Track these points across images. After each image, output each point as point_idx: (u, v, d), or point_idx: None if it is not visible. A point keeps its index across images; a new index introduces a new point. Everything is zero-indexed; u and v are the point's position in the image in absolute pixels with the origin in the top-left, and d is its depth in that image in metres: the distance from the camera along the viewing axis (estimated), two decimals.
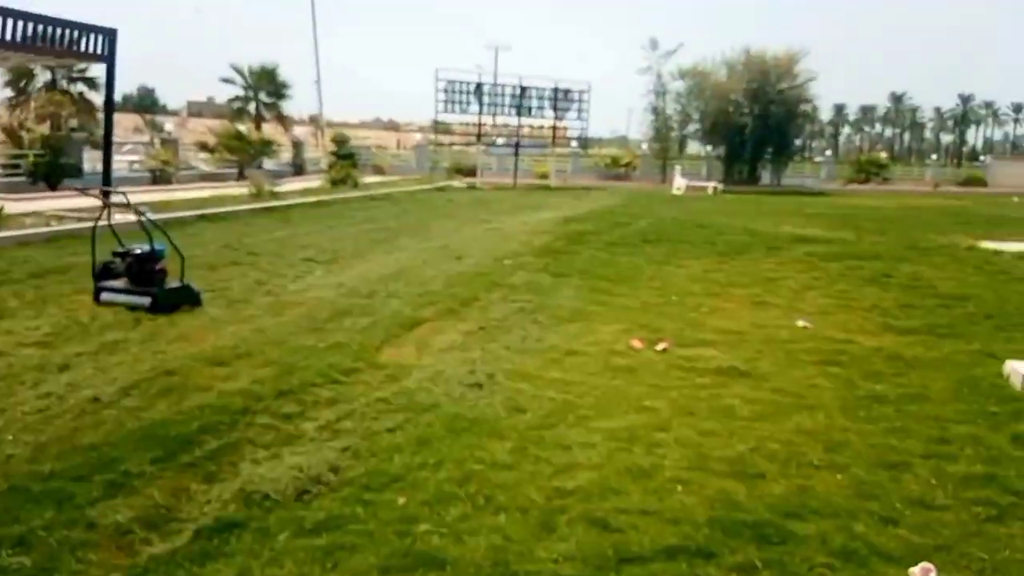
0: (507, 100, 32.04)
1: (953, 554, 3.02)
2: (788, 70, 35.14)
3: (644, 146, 45.03)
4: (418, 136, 46.08)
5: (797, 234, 14.32)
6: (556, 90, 32.64)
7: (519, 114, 32.15)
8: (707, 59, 36.93)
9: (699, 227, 15.36)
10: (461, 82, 31.05)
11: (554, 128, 32.91)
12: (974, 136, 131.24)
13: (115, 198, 7.64)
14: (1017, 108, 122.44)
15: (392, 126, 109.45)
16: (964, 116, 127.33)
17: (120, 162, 22.42)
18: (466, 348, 5.99)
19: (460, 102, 30.94)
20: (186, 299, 6.82)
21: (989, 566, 2.94)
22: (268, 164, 29.27)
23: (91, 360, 5.21)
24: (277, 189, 18.76)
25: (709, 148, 40.30)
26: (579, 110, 33.35)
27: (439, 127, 31.59)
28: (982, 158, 65.65)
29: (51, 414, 4.22)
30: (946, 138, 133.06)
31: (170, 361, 5.26)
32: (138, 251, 6.86)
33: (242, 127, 31.11)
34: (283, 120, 40.06)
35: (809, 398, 4.99)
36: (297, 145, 33.74)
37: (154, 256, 6.85)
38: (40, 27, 15.40)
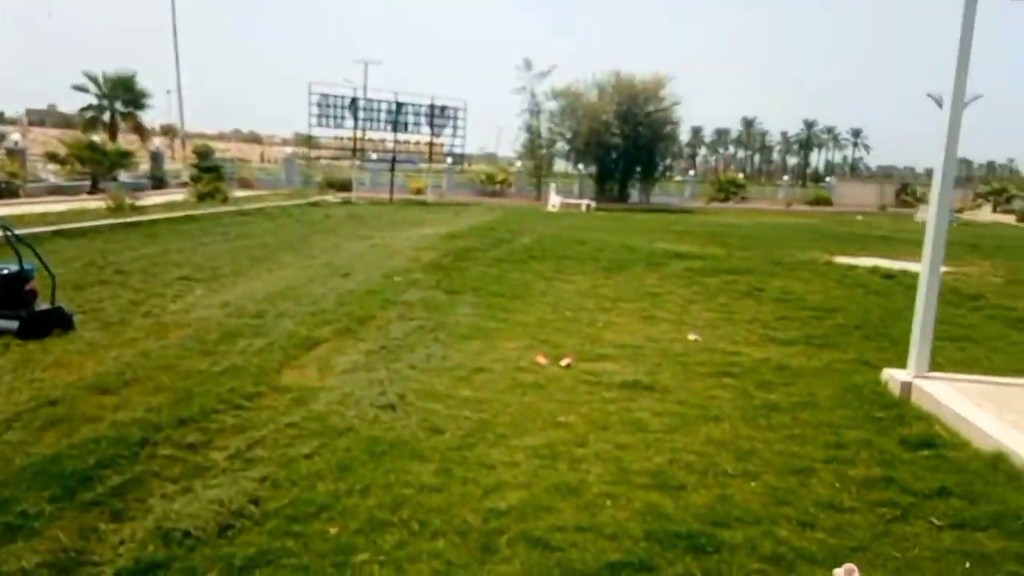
0: (382, 115, 31.71)
1: (869, 554, 3.22)
2: (655, 94, 36.86)
3: (518, 163, 45.76)
4: (289, 150, 44.76)
5: (672, 250, 14.96)
6: (432, 107, 32.62)
7: (395, 130, 31.91)
8: (579, 80, 38.12)
9: (579, 244, 15.75)
10: (335, 96, 30.50)
11: (431, 144, 32.86)
12: (817, 158, 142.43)
13: None
14: (855, 133, 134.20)
15: (254, 138, 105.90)
16: (808, 140, 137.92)
17: None
18: (371, 368, 5.84)
19: (334, 116, 30.38)
20: (58, 322, 6.28)
21: (903, 564, 3.15)
22: (124, 176, 27.43)
23: None
24: (138, 203, 17.65)
25: (581, 167, 41.45)
26: (455, 127, 33.48)
27: (312, 141, 30.83)
28: (827, 179, 71.21)
29: None
30: (791, 160, 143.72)
31: (50, 390, 4.82)
32: (5, 271, 6.25)
33: (96, 137, 29.06)
34: (141, 130, 37.80)
35: (712, 409, 5.20)
36: (156, 157, 31.82)
37: (23, 276, 6.27)
38: None
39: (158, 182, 28.60)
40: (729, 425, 4.86)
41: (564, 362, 6.30)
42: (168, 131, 57.11)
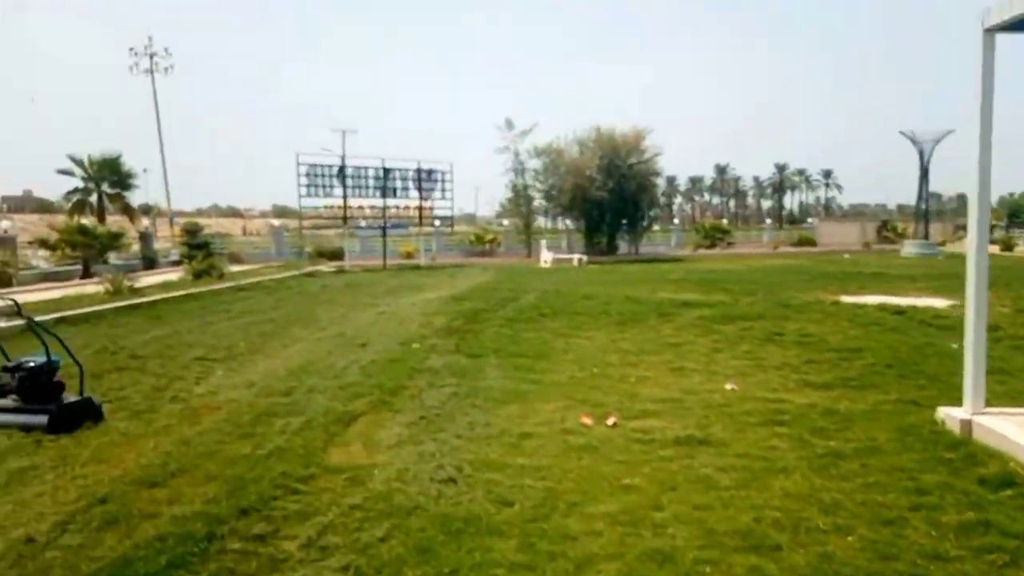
0: (370, 182, 31.96)
1: None
2: (636, 146, 37.39)
3: (505, 222, 46.10)
4: (276, 222, 44.90)
5: (678, 299, 14.95)
6: (419, 171, 32.95)
7: (384, 195, 32.12)
8: (560, 137, 38.69)
9: (585, 298, 15.72)
10: (323, 165, 30.71)
11: (420, 208, 33.06)
12: (790, 200, 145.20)
13: None
14: (826, 174, 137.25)
15: (233, 213, 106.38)
16: (781, 183, 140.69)
17: None
18: (417, 441, 5.68)
19: (323, 185, 30.54)
20: (88, 414, 6.09)
21: None
22: (114, 258, 27.32)
23: (3, 495, 4.50)
24: (136, 285, 17.48)
25: (568, 222, 41.73)
26: (443, 189, 33.83)
27: (301, 211, 30.89)
28: (809, 220, 72.28)
29: None
30: (766, 203, 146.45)
31: (96, 487, 4.63)
32: (31, 364, 6.09)
33: (85, 220, 28.98)
34: (129, 211, 37.78)
35: (776, 461, 5.08)
36: (146, 237, 31.74)
37: (50, 368, 6.11)
38: None
39: (149, 262, 28.46)
40: (800, 476, 4.74)
41: (609, 421, 6.18)
42: (147, 211, 57.19)
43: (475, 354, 9.34)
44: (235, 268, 26.48)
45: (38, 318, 12.20)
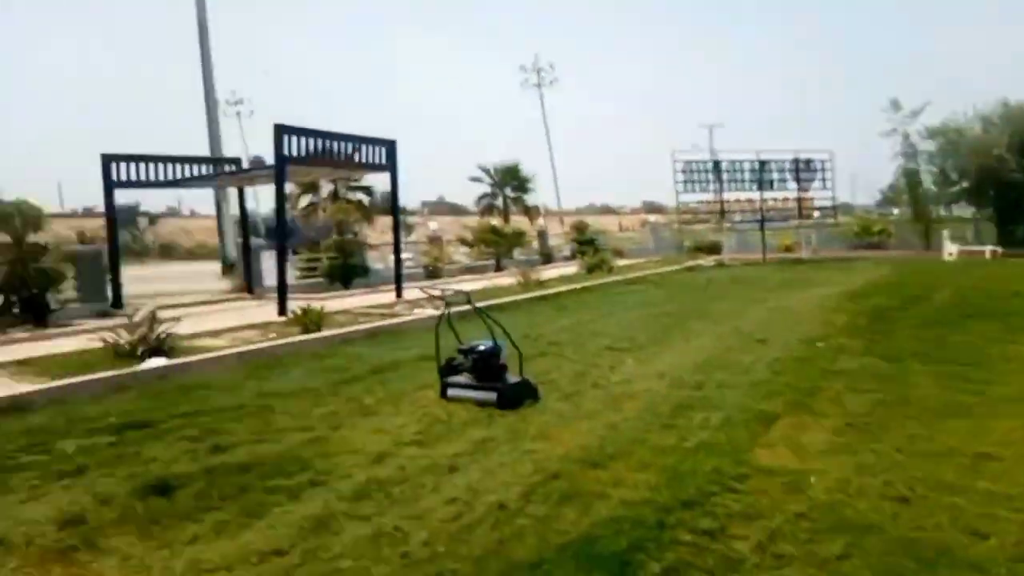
0: (746, 175, 31.25)
1: None
2: None
3: (896, 211, 41.53)
4: (652, 218, 46.25)
5: None
6: (796, 161, 31.34)
7: (760, 188, 31.13)
8: (957, 115, 33.62)
9: (1016, 296, 13.47)
10: (698, 162, 30.83)
11: (799, 200, 31.39)
12: None
13: (437, 294, 8.10)
14: None
15: (607, 210, 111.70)
16: None
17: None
18: (851, 451, 5.29)
19: (699, 181, 30.64)
20: (527, 394, 6.79)
21: None
22: (517, 254, 30.41)
23: (472, 461, 5.18)
24: (540, 278, 19.16)
25: (973, 210, 36.11)
26: (823, 179, 31.74)
27: (679, 207, 31.23)
28: None
29: (467, 522, 4.13)
30: None
31: (546, 462, 5.10)
32: (482, 347, 6.98)
33: (494, 221, 32.80)
34: (528, 212, 42.09)
35: None
36: (542, 235, 34.93)
37: (495, 351, 6.94)
38: (336, 144, 17.17)
39: (547, 257, 31.31)
40: None
41: None
42: (537, 211, 62.93)
43: (892, 358, 8.49)
44: (621, 263, 27.72)
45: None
